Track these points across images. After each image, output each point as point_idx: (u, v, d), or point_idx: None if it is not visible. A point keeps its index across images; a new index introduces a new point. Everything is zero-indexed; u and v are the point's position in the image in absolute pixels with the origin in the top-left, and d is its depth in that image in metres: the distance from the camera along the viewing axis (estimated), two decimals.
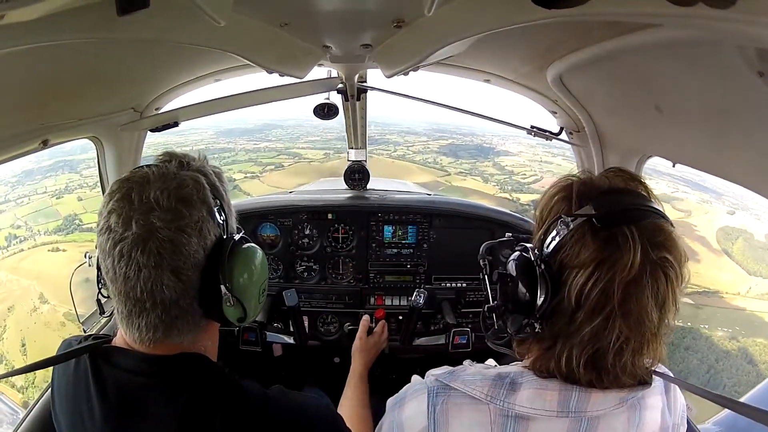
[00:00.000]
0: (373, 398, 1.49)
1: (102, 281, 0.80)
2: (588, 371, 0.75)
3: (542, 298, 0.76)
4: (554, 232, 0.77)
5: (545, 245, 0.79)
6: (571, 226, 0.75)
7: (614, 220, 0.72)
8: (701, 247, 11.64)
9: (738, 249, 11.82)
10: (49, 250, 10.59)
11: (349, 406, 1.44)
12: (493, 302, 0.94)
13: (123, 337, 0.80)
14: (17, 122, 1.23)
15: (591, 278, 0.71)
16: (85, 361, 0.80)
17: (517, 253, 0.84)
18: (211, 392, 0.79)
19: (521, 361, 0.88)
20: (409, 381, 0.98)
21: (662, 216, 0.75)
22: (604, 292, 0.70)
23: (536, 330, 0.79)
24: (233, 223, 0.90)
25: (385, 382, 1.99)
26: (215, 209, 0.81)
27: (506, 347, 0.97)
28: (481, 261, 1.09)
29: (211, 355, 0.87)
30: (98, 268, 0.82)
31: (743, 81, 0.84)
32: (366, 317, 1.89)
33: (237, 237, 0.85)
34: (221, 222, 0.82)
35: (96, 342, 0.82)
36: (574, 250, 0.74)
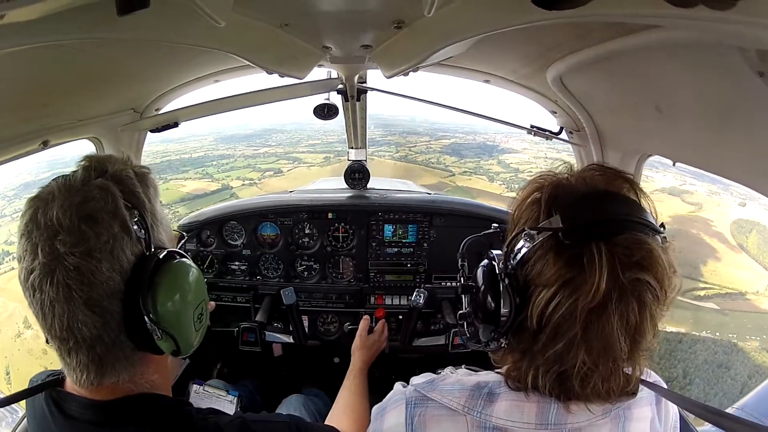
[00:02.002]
0: (372, 398, 1.48)
1: None
2: (556, 389, 0.71)
3: (505, 314, 0.71)
4: (521, 243, 0.70)
5: (512, 256, 0.72)
6: (536, 240, 0.68)
7: (582, 236, 0.64)
8: (719, 243, 11.27)
9: (752, 243, 11.43)
10: None
11: (347, 395, 1.44)
12: (465, 309, 0.89)
13: None
14: (17, 122, 1.23)
15: (553, 300, 0.65)
16: (42, 403, 0.75)
17: (485, 261, 0.80)
18: None
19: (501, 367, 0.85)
20: (407, 381, 0.97)
21: (646, 225, 0.66)
22: (566, 316, 0.64)
23: (502, 345, 0.76)
24: (161, 235, 0.79)
25: (384, 383, 1.99)
26: (132, 222, 0.70)
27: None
28: (459, 260, 1.00)
29: (162, 389, 0.78)
30: None
31: (743, 81, 0.84)
32: (366, 317, 1.89)
33: (162, 254, 0.74)
34: (141, 236, 0.72)
35: (49, 381, 0.76)
36: (537, 267, 0.68)
